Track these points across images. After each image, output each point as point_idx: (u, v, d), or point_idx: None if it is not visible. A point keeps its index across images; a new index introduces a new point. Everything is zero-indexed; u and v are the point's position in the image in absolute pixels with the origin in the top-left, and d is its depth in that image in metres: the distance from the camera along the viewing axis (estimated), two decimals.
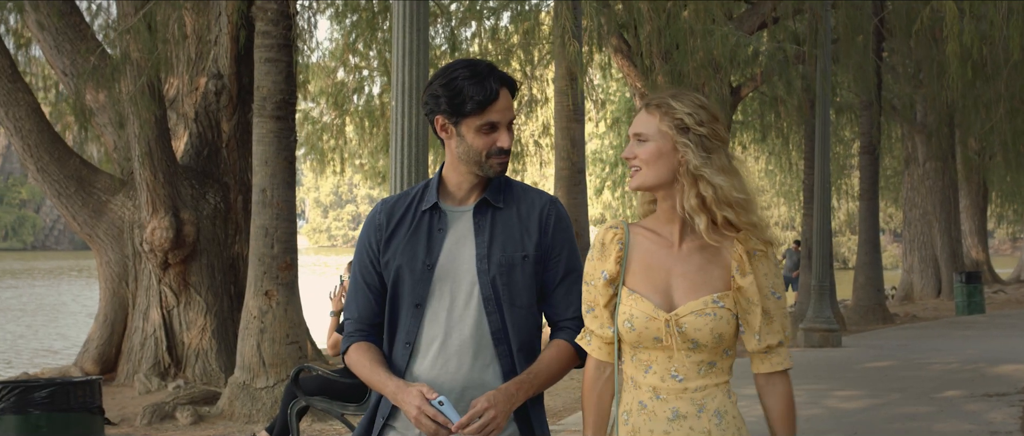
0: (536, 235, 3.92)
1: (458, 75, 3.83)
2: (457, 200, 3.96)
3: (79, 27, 15.73)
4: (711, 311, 3.57)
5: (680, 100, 3.65)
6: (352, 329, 4.02)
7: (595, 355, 3.76)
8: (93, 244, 15.75)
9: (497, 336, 3.85)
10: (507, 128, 3.87)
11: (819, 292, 19.40)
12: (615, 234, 3.70)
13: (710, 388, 3.61)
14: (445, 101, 3.83)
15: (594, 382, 3.76)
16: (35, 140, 15.34)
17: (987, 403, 12.68)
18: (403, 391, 3.77)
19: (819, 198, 19.79)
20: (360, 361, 3.96)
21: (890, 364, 16.62)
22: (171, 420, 12.76)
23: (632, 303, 3.63)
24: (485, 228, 3.90)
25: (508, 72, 21.48)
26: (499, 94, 3.83)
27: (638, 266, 3.67)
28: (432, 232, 3.92)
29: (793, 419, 3.68)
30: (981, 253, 43.45)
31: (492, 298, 3.85)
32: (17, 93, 15.41)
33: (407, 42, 8.68)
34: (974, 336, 21.29)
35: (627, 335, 3.64)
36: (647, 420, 3.63)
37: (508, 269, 3.86)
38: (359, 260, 4.02)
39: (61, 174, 15.39)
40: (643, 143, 3.64)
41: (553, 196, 4.05)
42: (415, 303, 3.89)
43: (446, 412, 3.70)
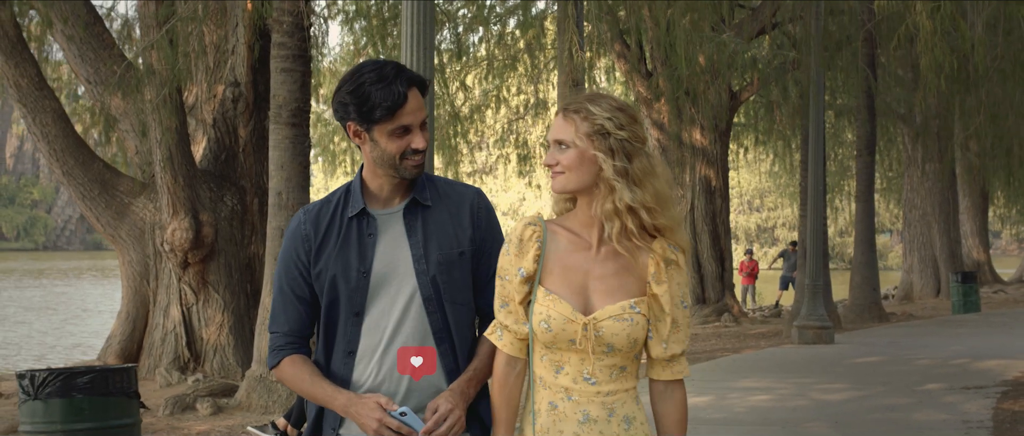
0: (469, 230, 3.89)
1: (365, 80, 3.76)
2: (382, 202, 3.90)
3: (102, 37, 16.49)
4: (628, 317, 3.60)
5: (598, 104, 3.64)
6: (282, 342, 3.92)
7: (507, 351, 3.73)
8: (116, 244, 16.48)
9: (439, 335, 3.82)
10: (420, 128, 3.81)
11: (812, 290, 20.09)
12: (534, 231, 3.69)
13: (620, 393, 3.65)
14: (354, 109, 3.76)
15: (505, 377, 3.75)
16: (61, 145, 16.09)
17: (965, 395, 13.38)
18: (358, 403, 3.72)
19: (812, 200, 20.45)
20: (297, 375, 3.88)
21: (878, 360, 17.32)
22: (192, 411, 13.47)
23: (549, 304, 3.62)
24: (417, 228, 3.86)
25: (514, 76, 22.18)
26: (407, 97, 3.75)
27: (555, 266, 3.67)
28: (362, 238, 3.86)
29: (686, 426, 3.74)
30: (982, 254, 43.90)
31: (433, 298, 3.81)
32: (44, 100, 16.19)
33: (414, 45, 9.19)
34: (964, 334, 21.98)
35: (542, 335, 3.64)
36: (557, 421, 3.64)
37: (447, 267, 3.84)
38: (286, 272, 3.92)
39: (86, 177, 16.14)
40: (565, 150, 3.63)
41: (478, 188, 4.04)
42: (354, 312, 3.83)
43: (409, 422, 3.67)
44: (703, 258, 27.20)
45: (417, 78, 3.81)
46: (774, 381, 14.91)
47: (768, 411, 12.39)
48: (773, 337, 21.94)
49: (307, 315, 3.91)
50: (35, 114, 16.17)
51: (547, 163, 3.66)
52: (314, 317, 3.91)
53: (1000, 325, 24.37)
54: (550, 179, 3.69)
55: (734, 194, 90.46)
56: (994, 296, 38.25)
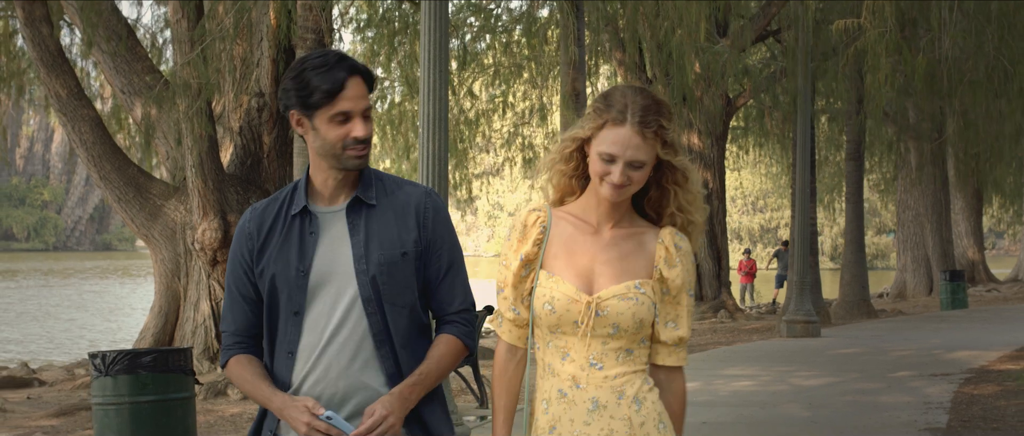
0: (414, 230, 3.82)
1: (306, 66, 3.73)
2: (326, 200, 3.85)
3: (135, 50, 17.75)
4: (633, 296, 3.59)
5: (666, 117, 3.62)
6: (230, 342, 3.90)
7: (505, 338, 3.75)
8: (149, 243, 17.72)
9: (379, 338, 3.76)
10: (362, 117, 3.74)
11: (799, 287, 21.33)
12: (538, 217, 3.71)
13: (628, 375, 3.63)
14: (294, 94, 3.73)
15: (505, 366, 3.75)
16: (98, 151, 17.34)
17: (930, 381, 14.62)
18: (289, 407, 3.68)
19: (799, 202, 21.68)
20: (241, 375, 3.84)
21: (858, 351, 18.58)
22: (223, 397, 14.72)
23: (553, 285, 3.62)
24: (360, 227, 3.80)
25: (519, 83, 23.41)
26: (346, 83, 3.70)
27: (559, 250, 3.67)
28: (304, 237, 3.81)
29: (684, 416, 3.76)
30: (977, 254, 44.90)
31: (372, 299, 3.75)
32: (81, 109, 17.45)
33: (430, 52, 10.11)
34: (944, 328, 23.22)
35: (546, 318, 3.62)
36: (567, 409, 3.61)
37: (388, 268, 3.76)
38: (232, 272, 3.88)
39: (121, 181, 17.38)
40: (640, 168, 3.60)
41: (429, 188, 4.02)
42: (293, 311, 3.77)
43: (337, 425, 3.62)
44: (700, 257, 28.39)
45: (361, 68, 3.78)
46: (759, 370, 16.14)
47: (749, 394, 13.63)
48: (766, 332, 23.12)
49: (254, 314, 3.87)
50: (74, 122, 17.42)
51: (618, 185, 3.59)
52: (260, 316, 3.88)
53: (981, 320, 25.61)
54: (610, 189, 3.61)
55: (738, 195, 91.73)
56: (986, 294, 39.40)
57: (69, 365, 20.21)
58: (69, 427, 12.80)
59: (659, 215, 3.74)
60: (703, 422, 11.61)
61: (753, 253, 49.56)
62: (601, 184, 3.61)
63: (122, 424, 8.97)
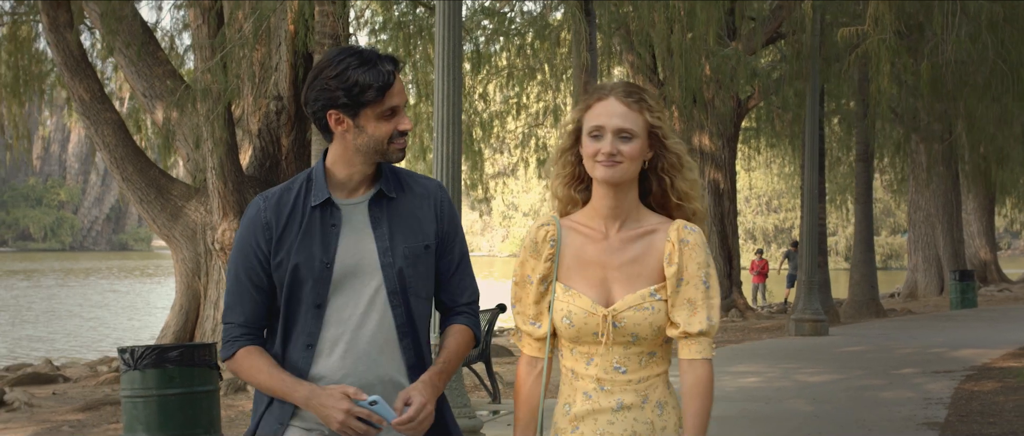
0: (434, 223, 3.85)
1: (348, 65, 3.68)
2: (346, 192, 3.82)
3: (156, 54, 18.18)
4: (649, 305, 3.61)
5: (650, 96, 3.67)
6: (238, 333, 3.81)
7: (527, 351, 3.77)
8: (170, 243, 18.14)
9: (402, 330, 3.78)
10: (403, 110, 3.78)
11: (808, 286, 21.68)
12: (547, 231, 3.70)
13: (652, 378, 3.66)
14: (342, 94, 3.68)
15: (525, 378, 3.76)
16: (121, 154, 17.78)
17: (933, 378, 14.97)
18: (320, 396, 3.63)
19: (808, 203, 22.03)
20: (256, 366, 3.76)
21: (864, 349, 18.94)
22: (243, 391, 15.13)
23: (569, 299, 3.64)
24: (383, 220, 3.79)
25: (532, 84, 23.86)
26: (394, 77, 3.72)
27: (572, 261, 3.69)
28: (326, 228, 3.77)
29: (704, 406, 3.65)
30: (989, 254, 45.15)
31: (398, 291, 3.76)
32: (104, 113, 17.90)
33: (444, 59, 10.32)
34: (952, 327, 23.55)
35: (565, 331, 3.66)
36: (592, 410, 3.64)
37: (413, 260, 3.78)
38: (244, 261, 3.80)
39: (143, 183, 17.81)
40: (628, 140, 3.61)
41: (440, 182, 4.01)
42: (316, 304, 3.74)
43: (381, 411, 3.61)
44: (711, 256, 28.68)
45: (398, 61, 3.78)
46: (765, 367, 16.51)
47: (755, 390, 14.01)
48: (776, 331, 23.45)
49: (264, 305, 3.81)
50: (97, 126, 17.87)
51: (607, 152, 3.59)
52: (270, 307, 3.82)
53: (989, 319, 25.94)
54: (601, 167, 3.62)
55: (751, 196, 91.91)
56: (998, 294, 39.68)
57: (92, 362, 20.67)
58: (94, 421, 13.21)
59: (668, 210, 3.73)
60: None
61: (765, 253, 49.90)
62: (595, 167, 3.62)
63: (149, 416, 9.39)
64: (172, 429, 9.39)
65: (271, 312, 3.83)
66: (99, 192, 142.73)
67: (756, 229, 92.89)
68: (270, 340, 3.85)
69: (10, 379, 16.84)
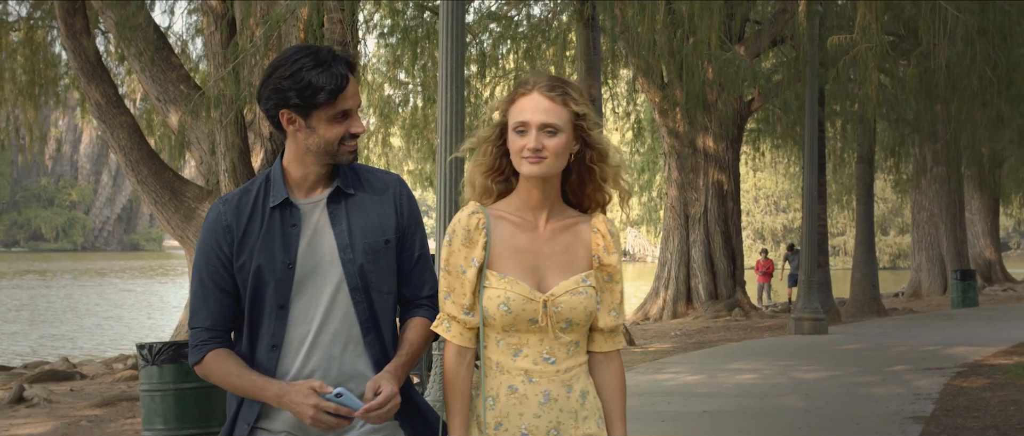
0: (393, 217, 3.85)
1: (302, 66, 3.66)
2: (304, 191, 3.82)
3: (169, 59, 18.65)
4: (582, 290, 3.66)
5: (573, 88, 3.69)
6: (205, 337, 3.80)
7: (456, 341, 3.73)
8: (183, 244, 18.61)
9: (366, 325, 3.78)
10: (356, 112, 3.78)
11: (807, 286, 22.13)
12: (478, 219, 3.71)
13: (576, 368, 3.70)
14: (294, 95, 3.66)
15: (457, 368, 3.73)
16: (136, 157, 18.26)
17: (924, 375, 15.41)
18: (291, 392, 3.64)
19: (807, 204, 22.48)
20: (225, 368, 3.76)
21: (860, 347, 19.39)
22: None
23: (506, 286, 3.64)
24: (342, 217, 3.80)
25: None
26: (347, 80, 3.71)
27: (504, 249, 3.69)
28: (286, 229, 3.78)
29: (625, 394, 3.81)
30: (994, 254, 45.53)
31: (360, 287, 3.77)
32: (120, 116, 18.40)
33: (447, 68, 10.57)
34: (951, 326, 23.99)
35: (500, 318, 3.65)
36: (517, 403, 3.65)
37: (373, 255, 3.79)
38: (207, 264, 3.79)
39: (157, 185, 18.29)
40: (553, 135, 3.63)
41: (399, 176, 4.00)
42: (279, 305, 3.75)
43: (347, 402, 3.61)
44: (716, 256, 29.19)
45: (352, 63, 3.77)
46: (762, 364, 16.96)
47: (750, 386, 14.46)
48: (778, 330, 23.90)
49: (230, 308, 3.82)
50: (112, 129, 18.36)
51: (533, 148, 3.62)
52: (236, 309, 3.83)
53: (987, 318, 26.38)
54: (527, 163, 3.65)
55: (760, 196, 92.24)
56: (1001, 294, 40.08)
57: (108, 360, 21.19)
58: (112, 416, 13.69)
59: (580, 200, 3.79)
60: (703, 411, 12.45)
61: (770, 253, 50.31)
62: (521, 163, 3.65)
63: (167, 409, 9.87)
64: (188, 422, 9.88)
65: (237, 314, 3.83)
66: (111, 193, 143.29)
67: (765, 229, 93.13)
68: (237, 342, 3.86)
69: (29, 376, 17.33)
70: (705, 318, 27.79)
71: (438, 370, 10.39)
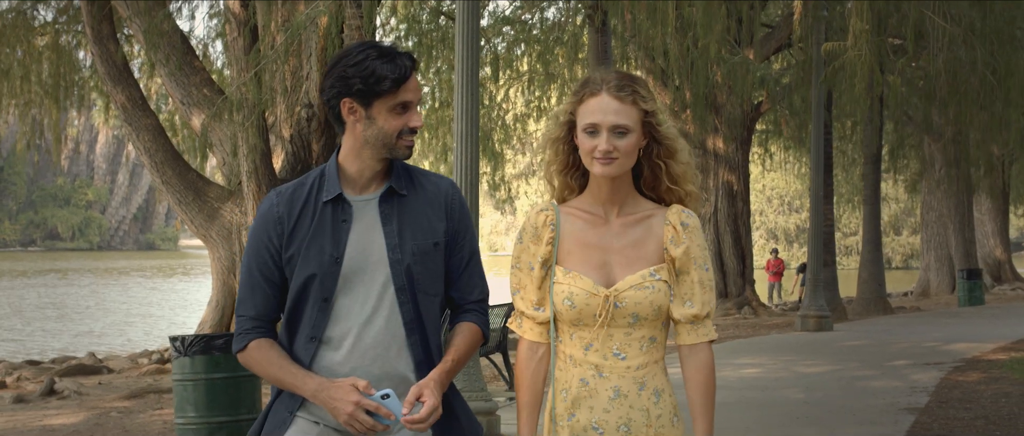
0: (444, 221, 3.86)
1: (368, 55, 3.73)
2: (358, 188, 3.85)
3: (192, 64, 19.26)
4: (650, 284, 3.62)
5: (641, 86, 3.68)
6: (250, 326, 3.84)
7: (528, 336, 3.75)
8: (207, 243, 19.22)
9: (410, 326, 3.79)
10: (416, 108, 3.81)
11: (813, 284, 22.69)
12: (547, 216, 3.71)
13: (650, 365, 3.67)
14: (359, 81, 3.71)
15: (528, 362, 3.75)
16: (160, 158, 18.88)
17: (922, 369, 15.95)
18: (330, 388, 3.66)
19: (814, 203, 23.05)
20: (267, 358, 3.80)
21: (863, 343, 19.93)
22: None
23: (570, 281, 3.65)
24: (392, 217, 3.82)
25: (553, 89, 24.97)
26: (411, 73, 3.76)
27: (572, 245, 3.69)
28: (336, 224, 3.81)
29: (712, 389, 3.72)
30: (1003, 253, 45.91)
31: (406, 288, 3.78)
32: (145, 119, 19.03)
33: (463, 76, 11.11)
34: (954, 323, 24.53)
35: (567, 313, 3.65)
36: (588, 397, 3.65)
37: (422, 257, 3.80)
38: (257, 256, 3.84)
39: (181, 185, 18.90)
40: (623, 136, 3.61)
41: (452, 180, 4.03)
42: (323, 298, 3.77)
43: (391, 406, 3.62)
44: (725, 255, 29.73)
45: (415, 59, 3.82)
46: (767, 359, 17.52)
47: (754, 380, 15.02)
48: (785, 327, 24.42)
49: (275, 299, 3.85)
50: (138, 131, 18.99)
51: (603, 150, 3.60)
52: (282, 301, 3.86)
53: (991, 316, 26.92)
54: (599, 164, 3.64)
55: (773, 196, 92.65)
56: (1010, 293, 40.52)
57: (133, 355, 21.83)
58: (140, 408, 14.26)
59: (658, 195, 3.77)
60: None
61: (780, 253, 50.79)
62: (592, 163, 3.64)
63: (198, 398, 10.46)
64: (218, 410, 10.47)
65: (283, 305, 3.87)
66: (127, 192, 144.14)
67: (778, 229, 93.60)
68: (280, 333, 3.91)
69: (58, 370, 17.96)
70: (715, 316, 28.10)
71: None
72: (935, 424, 11.52)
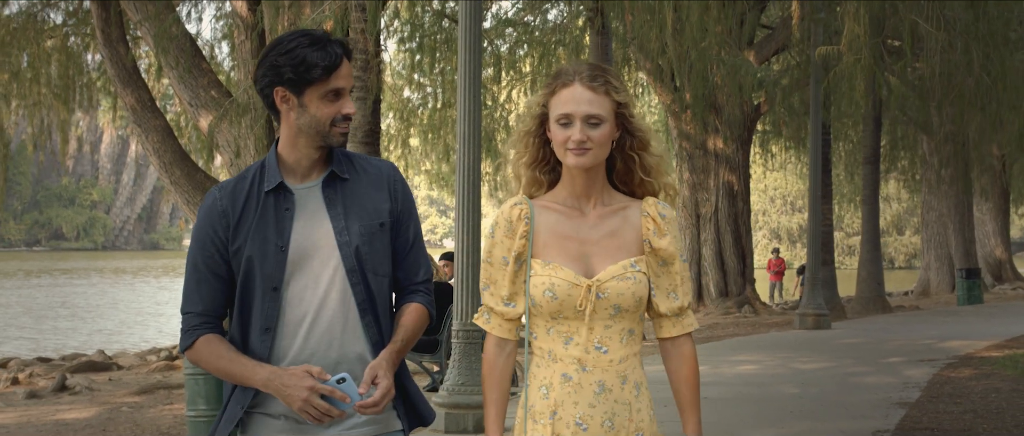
0: (388, 202, 3.87)
1: (298, 44, 3.71)
2: (299, 177, 3.84)
3: (200, 66, 19.62)
4: (631, 275, 3.59)
5: (613, 76, 3.64)
6: (197, 322, 3.79)
7: (495, 332, 3.71)
8: None
9: (363, 307, 3.79)
10: (349, 95, 3.80)
11: (811, 283, 23.01)
12: (521, 210, 3.67)
13: (631, 358, 3.63)
14: (289, 70, 3.68)
15: (496, 359, 3.71)
16: (169, 158, 19.24)
17: (915, 366, 16.27)
18: (283, 375, 3.62)
19: (812, 203, 23.36)
20: (216, 353, 3.75)
21: (860, 341, 20.26)
22: None
23: (551, 272, 3.59)
24: (337, 201, 3.82)
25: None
26: (342, 60, 3.73)
27: (549, 237, 3.64)
28: (280, 213, 3.79)
29: (697, 381, 3.71)
30: (1004, 253, 46.20)
31: (356, 269, 3.79)
32: (154, 120, 19.39)
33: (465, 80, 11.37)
34: (951, 322, 24.85)
35: (548, 305, 3.59)
36: (572, 393, 3.59)
37: (369, 238, 3.81)
38: (202, 250, 3.80)
39: (189, 185, 19.25)
40: (596, 126, 3.56)
41: (393, 163, 4.01)
42: (272, 287, 3.74)
43: (348, 389, 3.61)
44: (726, 255, 30.05)
45: (348, 47, 3.80)
46: (765, 356, 17.83)
47: (750, 376, 15.33)
48: (784, 326, 24.72)
49: (222, 294, 3.81)
50: (147, 133, 19.34)
51: (577, 140, 3.56)
52: (229, 296, 3.82)
53: (988, 315, 27.24)
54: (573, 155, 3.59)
55: (777, 196, 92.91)
56: (1010, 292, 40.80)
57: (141, 352, 22.19)
58: (150, 403, 14.59)
59: (631, 188, 3.74)
60: (704, 397, 13.29)
61: (783, 252, 51.11)
62: (566, 154, 3.60)
63: (209, 390, 10.79)
64: None
65: (230, 300, 3.82)
66: (131, 192, 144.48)
67: (781, 228, 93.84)
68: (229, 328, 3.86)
69: (69, 367, 18.31)
70: (715, 314, 28.64)
71: (457, 358, 11.27)
72: (924, 418, 11.84)
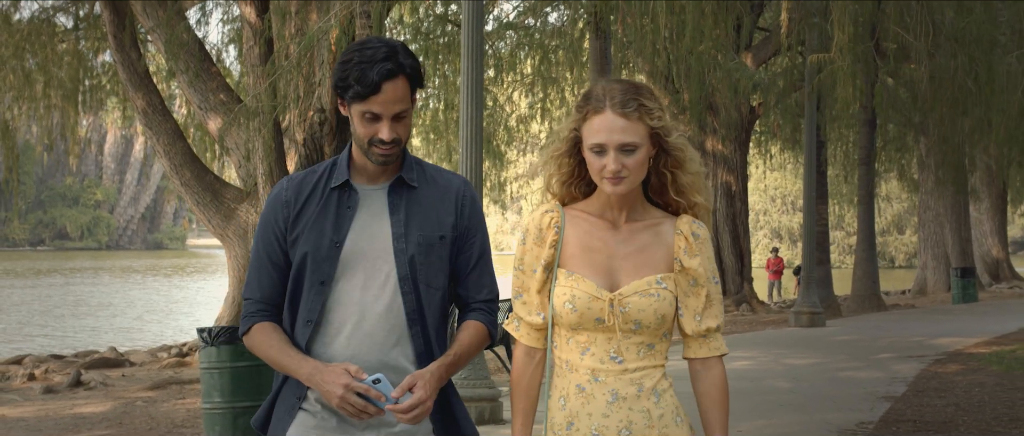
0: (453, 216, 3.83)
1: (351, 59, 3.69)
2: (368, 177, 3.84)
3: (209, 70, 20.11)
4: (655, 292, 3.52)
5: (648, 98, 3.54)
6: (254, 309, 3.84)
7: (524, 341, 3.65)
8: (224, 242, 20.06)
9: (412, 317, 3.75)
10: (392, 120, 3.71)
11: (806, 282, 23.52)
12: (552, 218, 3.61)
13: (648, 368, 3.55)
14: (339, 81, 3.69)
15: (524, 368, 3.65)
16: (179, 161, 19.73)
17: (905, 362, 16.78)
18: (322, 372, 3.63)
19: (807, 204, 23.86)
20: (267, 341, 3.79)
21: (853, 338, 20.77)
22: None
23: (573, 284, 3.54)
24: (400, 207, 3.79)
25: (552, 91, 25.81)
26: (381, 88, 3.65)
27: (576, 248, 3.59)
28: (341, 209, 3.80)
29: (727, 405, 3.61)
30: (1001, 252, 46.64)
31: (409, 278, 3.74)
32: (164, 123, 19.89)
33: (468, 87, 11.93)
34: (945, 320, 25.36)
35: (567, 316, 3.55)
36: (585, 403, 3.54)
37: (426, 249, 3.76)
38: (264, 238, 3.83)
39: (199, 187, 19.74)
40: (631, 153, 3.49)
41: (465, 178, 3.97)
42: (320, 281, 3.74)
43: (383, 390, 3.59)
44: (724, 254, 30.55)
45: (407, 69, 3.71)
46: (759, 352, 18.34)
47: (744, 371, 15.83)
48: (781, 324, 25.20)
49: (281, 282, 3.82)
50: (157, 135, 19.84)
51: (613, 169, 3.49)
52: (287, 285, 3.82)
53: (981, 313, 27.75)
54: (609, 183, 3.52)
55: (777, 195, 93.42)
56: (1007, 290, 41.28)
57: (153, 349, 22.72)
58: (164, 398, 15.09)
59: (666, 203, 3.67)
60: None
61: (783, 251, 51.57)
62: (603, 183, 3.52)
63: (224, 385, 11.30)
64: (242, 395, 11.31)
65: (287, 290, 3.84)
66: (135, 192, 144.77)
67: (782, 228, 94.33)
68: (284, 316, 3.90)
69: (83, 363, 18.82)
70: None
71: None
72: (908, 410, 12.34)
